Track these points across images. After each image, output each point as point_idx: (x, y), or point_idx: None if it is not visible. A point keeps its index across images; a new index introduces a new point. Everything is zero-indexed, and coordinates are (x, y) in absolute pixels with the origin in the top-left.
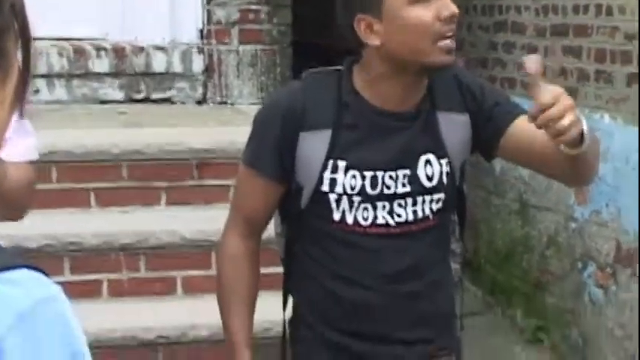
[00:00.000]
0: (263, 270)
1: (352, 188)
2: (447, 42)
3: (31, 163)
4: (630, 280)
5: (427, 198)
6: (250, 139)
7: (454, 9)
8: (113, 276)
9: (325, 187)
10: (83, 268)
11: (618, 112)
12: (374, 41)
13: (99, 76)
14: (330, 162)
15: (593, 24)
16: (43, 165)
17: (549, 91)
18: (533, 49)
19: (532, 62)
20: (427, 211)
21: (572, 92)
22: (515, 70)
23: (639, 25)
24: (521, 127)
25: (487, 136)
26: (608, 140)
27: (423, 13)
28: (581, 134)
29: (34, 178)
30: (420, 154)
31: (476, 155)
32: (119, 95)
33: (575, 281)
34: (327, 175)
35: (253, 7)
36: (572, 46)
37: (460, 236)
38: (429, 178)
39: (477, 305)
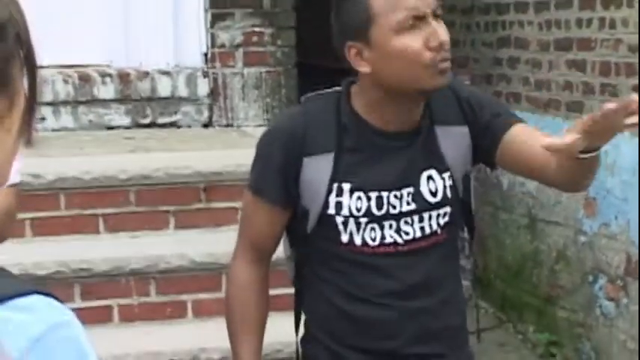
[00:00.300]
0: (273, 291)
1: (358, 210)
2: (439, 65)
3: (13, 186)
4: None
5: (433, 213)
6: (254, 165)
7: (443, 37)
8: (124, 301)
9: (331, 210)
10: (94, 294)
11: None
12: (364, 68)
13: (104, 102)
14: (335, 185)
15: (596, 37)
16: (51, 192)
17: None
18: (537, 64)
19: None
20: (435, 226)
21: (577, 106)
22: (520, 84)
23: None
24: (519, 133)
25: (486, 144)
26: (615, 153)
27: (411, 43)
28: None
29: (15, 204)
30: (421, 171)
31: (483, 171)
32: (125, 121)
33: (586, 294)
34: (333, 198)
35: (257, 29)
36: (577, 59)
37: (470, 252)
38: (433, 194)
39: (488, 321)
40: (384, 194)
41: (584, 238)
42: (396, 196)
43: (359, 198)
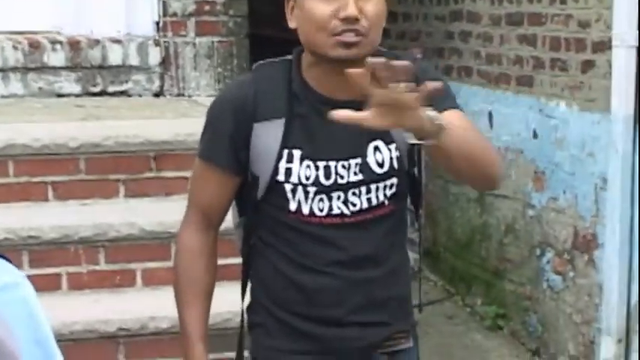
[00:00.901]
0: (222, 261)
1: (307, 178)
2: (342, 37)
3: None
4: (587, 266)
5: (380, 185)
6: (204, 132)
7: (352, 11)
8: (72, 269)
9: (281, 177)
10: (42, 262)
11: (573, 100)
12: (292, 23)
13: (54, 69)
14: (285, 151)
15: (547, 12)
16: (0, 159)
17: None
18: (489, 38)
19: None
20: (381, 197)
21: (528, 80)
22: (471, 58)
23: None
24: None
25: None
26: (564, 128)
27: (322, 8)
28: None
29: None
30: (368, 142)
31: None
32: (76, 89)
33: (534, 268)
34: (283, 164)
35: None
36: (527, 34)
37: (418, 225)
38: (380, 165)
39: (436, 293)
40: (332, 164)
41: (532, 211)
42: (343, 166)
43: (308, 166)
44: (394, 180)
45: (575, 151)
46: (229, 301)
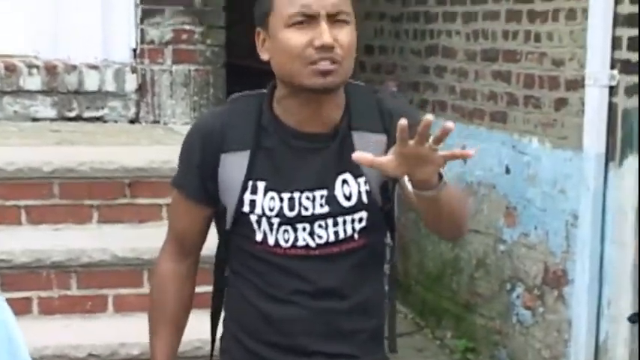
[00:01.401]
0: (196, 289)
1: (271, 210)
2: (318, 66)
3: None
4: (557, 302)
5: (348, 218)
6: (178, 161)
7: (327, 40)
8: (44, 294)
9: (246, 208)
10: (13, 286)
11: (546, 137)
12: (264, 55)
13: (30, 93)
14: (250, 183)
15: (522, 50)
16: None
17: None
18: (463, 73)
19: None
20: (349, 231)
21: (501, 116)
22: (446, 93)
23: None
24: None
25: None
26: (537, 164)
27: (296, 38)
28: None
29: None
30: (336, 175)
31: None
32: (51, 113)
33: (504, 302)
34: (247, 196)
35: (187, 27)
36: (502, 70)
37: (390, 257)
38: (347, 198)
39: (407, 326)
40: (296, 195)
41: (503, 246)
42: (308, 198)
43: (272, 198)
44: (363, 214)
45: (546, 187)
46: (200, 329)
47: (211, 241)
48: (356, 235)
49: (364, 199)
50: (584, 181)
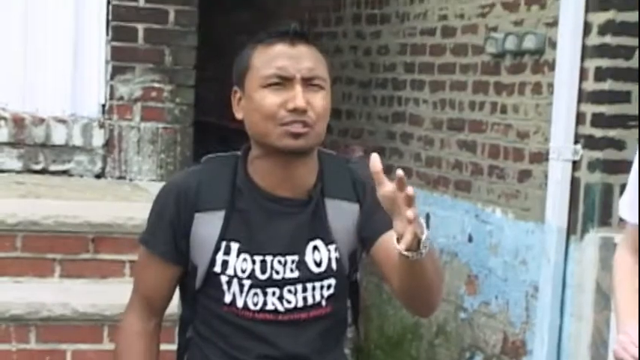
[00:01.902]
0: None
1: (243, 271)
2: (290, 127)
3: None
4: None
5: (317, 284)
6: (148, 219)
7: (300, 103)
8: (2, 346)
9: (217, 269)
10: None
11: (509, 207)
12: (238, 114)
13: None
14: (223, 243)
15: (487, 120)
16: None
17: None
18: (429, 141)
19: (375, 160)
20: (318, 298)
21: (466, 185)
22: (412, 160)
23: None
24: (389, 242)
25: (364, 234)
26: (499, 234)
27: (270, 99)
28: (419, 242)
29: None
30: (308, 241)
31: None
32: (17, 165)
33: None
34: (220, 256)
35: (156, 85)
36: (467, 140)
37: (354, 323)
38: (317, 264)
39: None
40: (268, 259)
41: (464, 314)
42: (279, 262)
43: (245, 260)
44: (332, 281)
45: (508, 257)
46: None
47: (174, 299)
48: (324, 302)
49: (333, 266)
50: (545, 254)
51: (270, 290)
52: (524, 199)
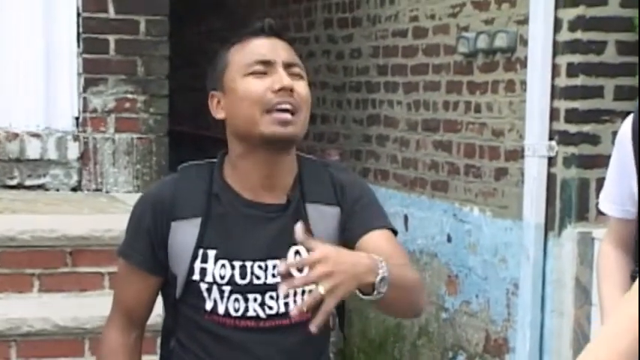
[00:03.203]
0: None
1: (222, 277)
2: (279, 114)
3: None
4: None
5: (299, 290)
6: (126, 231)
7: (286, 82)
8: None
9: (196, 277)
10: None
11: (487, 206)
12: (220, 115)
13: None
14: (200, 251)
15: (462, 120)
16: None
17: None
18: (405, 143)
19: (299, 229)
20: (299, 303)
21: (443, 185)
22: (388, 162)
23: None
24: (368, 244)
25: (346, 237)
26: (478, 233)
27: (255, 85)
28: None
29: None
30: (289, 245)
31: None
32: None
33: None
34: (198, 264)
35: (130, 96)
36: (443, 140)
37: (339, 326)
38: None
39: None
40: (248, 264)
41: (445, 314)
42: (260, 267)
43: (223, 266)
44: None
45: (487, 256)
46: None
47: (154, 310)
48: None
49: None
50: (524, 251)
51: (251, 296)
52: (502, 196)
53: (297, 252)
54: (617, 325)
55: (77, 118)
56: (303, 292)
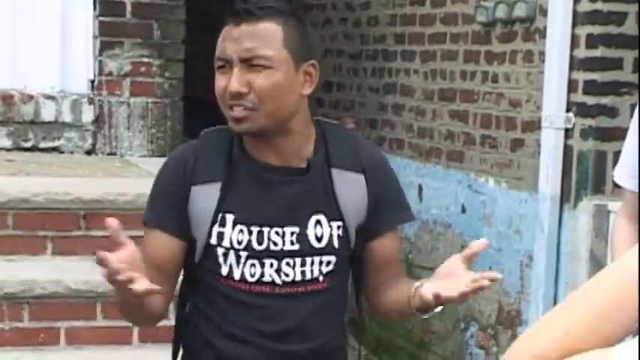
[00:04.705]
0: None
1: (239, 243)
2: (232, 112)
3: None
4: (510, 342)
5: (316, 259)
6: (151, 197)
7: (232, 87)
8: None
9: (214, 241)
10: None
11: (502, 177)
12: None
13: None
14: (220, 215)
15: (479, 90)
16: None
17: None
18: (421, 112)
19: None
20: (316, 273)
21: (458, 155)
22: (404, 131)
23: None
24: (380, 247)
25: (367, 226)
26: (492, 204)
27: (218, 82)
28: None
29: None
30: (311, 213)
31: None
32: (7, 143)
33: (458, 341)
34: (216, 228)
35: (145, 59)
36: (459, 110)
37: (356, 298)
38: (318, 239)
39: None
40: (265, 230)
41: None
42: (277, 233)
43: (241, 231)
44: (332, 258)
45: (502, 227)
46: None
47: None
48: (321, 278)
49: (335, 243)
50: (539, 223)
51: (267, 262)
52: (517, 168)
53: (317, 221)
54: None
55: (92, 81)
56: (321, 262)
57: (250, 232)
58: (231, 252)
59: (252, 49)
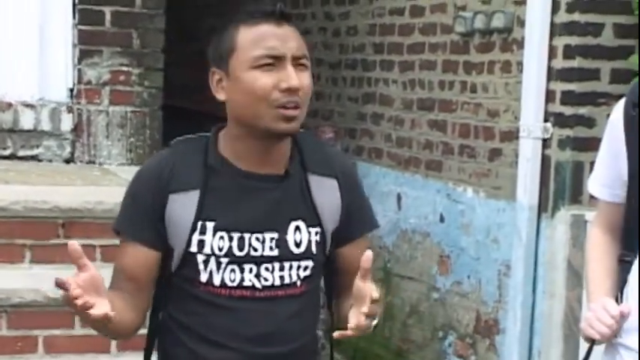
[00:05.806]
0: None
1: (220, 249)
2: (285, 111)
3: None
4: (488, 351)
5: (295, 264)
6: (123, 206)
7: (294, 82)
8: None
9: (194, 249)
10: None
11: (480, 186)
12: (220, 95)
13: None
14: (199, 223)
15: (457, 100)
16: None
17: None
18: (400, 122)
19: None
20: (294, 277)
21: (437, 164)
22: (382, 141)
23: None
24: (351, 253)
25: (340, 233)
26: (471, 213)
27: (262, 80)
28: None
29: None
30: (291, 219)
31: None
32: None
33: (436, 350)
34: (196, 236)
35: (124, 68)
36: (438, 120)
37: (327, 303)
38: (297, 245)
39: None
40: (246, 235)
41: (436, 294)
42: (257, 239)
43: (221, 237)
44: (310, 263)
45: (480, 236)
46: None
47: None
48: (299, 282)
49: (313, 248)
50: (517, 232)
51: (247, 267)
52: (495, 177)
53: (297, 227)
54: None
55: (71, 90)
56: (299, 267)
57: (231, 239)
58: (212, 258)
59: (301, 48)
